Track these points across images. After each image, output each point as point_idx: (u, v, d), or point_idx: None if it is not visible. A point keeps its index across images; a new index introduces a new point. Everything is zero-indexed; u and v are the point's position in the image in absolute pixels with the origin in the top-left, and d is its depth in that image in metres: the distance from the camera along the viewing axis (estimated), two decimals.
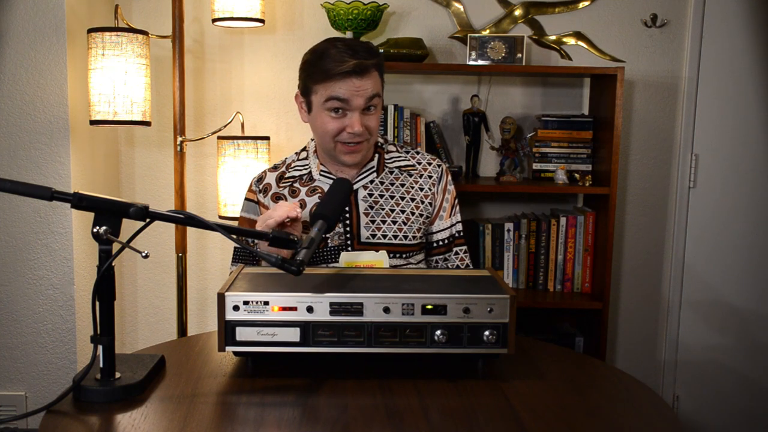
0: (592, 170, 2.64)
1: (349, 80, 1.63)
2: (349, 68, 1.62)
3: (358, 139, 1.68)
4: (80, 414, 1.16)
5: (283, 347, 1.27)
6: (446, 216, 1.83)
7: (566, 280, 2.64)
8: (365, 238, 1.72)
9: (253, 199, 1.83)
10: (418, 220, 1.77)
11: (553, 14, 2.74)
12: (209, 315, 2.85)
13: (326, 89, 1.65)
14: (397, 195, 1.77)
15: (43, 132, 2.39)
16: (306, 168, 1.80)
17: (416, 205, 1.77)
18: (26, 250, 2.44)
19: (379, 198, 1.75)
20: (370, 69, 1.66)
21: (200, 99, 2.75)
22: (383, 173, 1.78)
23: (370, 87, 1.66)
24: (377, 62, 1.68)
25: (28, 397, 2.50)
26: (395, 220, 1.74)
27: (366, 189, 1.76)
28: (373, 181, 1.77)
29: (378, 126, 1.72)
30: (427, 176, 1.81)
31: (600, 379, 1.39)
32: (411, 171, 1.81)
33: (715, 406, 2.90)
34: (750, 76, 2.76)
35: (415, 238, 1.76)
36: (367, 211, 1.73)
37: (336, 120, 1.67)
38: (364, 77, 1.65)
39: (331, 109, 1.66)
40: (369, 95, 1.66)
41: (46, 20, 2.34)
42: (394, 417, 1.14)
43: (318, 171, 1.77)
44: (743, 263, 2.84)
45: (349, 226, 1.72)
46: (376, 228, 1.73)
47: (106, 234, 1.18)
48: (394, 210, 1.75)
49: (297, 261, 1.26)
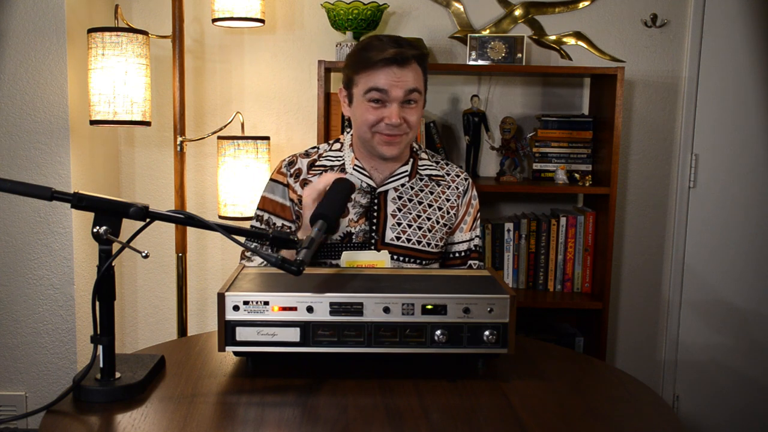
0: (592, 170, 2.64)
1: (389, 69, 1.65)
2: (390, 56, 1.63)
3: (396, 131, 1.68)
4: (80, 414, 1.16)
5: (283, 347, 1.27)
6: (467, 229, 1.84)
7: (566, 280, 2.64)
8: (389, 239, 1.73)
9: (282, 181, 1.79)
10: (442, 230, 1.78)
11: (553, 14, 2.74)
12: (209, 315, 2.85)
13: (367, 80, 1.67)
14: (425, 202, 1.78)
15: (43, 132, 2.39)
16: (339, 160, 1.80)
17: (442, 214, 1.78)
18: (26, 250, 2.44)
19: (407, 202, 1.76)
20: (411, 60, 1.67)
21: (200, 99, 2.75)
22: (414, 179, 1.79)
23: (410, 79, 1.66)
24: (419, 54, 1.70)
25: (28, 397, 2.50)
26: (421, 226, 1.75)
27: (396, 191, 1.76)
28: (404, 185, 1.77)
29: (419, 122, 1.72)
30: (454, 187, 1.82)
31: (600, 379, 1.39)
32: (440, 181, 1.82)
33: (715, 406, 2.90)
34: (750, 76, 2.76)
35: (437, 247, 1.77)
36: (394, 213, 1.75)
37: (375, 110, 1.68)
38: (404, 68, 1.66)
39: (371, 100, 1.67)
40: (409, 87, 1.66)
41: (46, 20, 2.34)
42: (394, 417, 1.14)
43: (352, 165, 1.77)
44: (743, 263, 2.84)
45: (375, 225, 1.73)
46: (402, 231, 1.74)
47: (106, 234, 1.18)
48: (420, 216, 1.76)
49: (297, 261, 1.26)
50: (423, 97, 1.74)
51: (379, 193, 1.75)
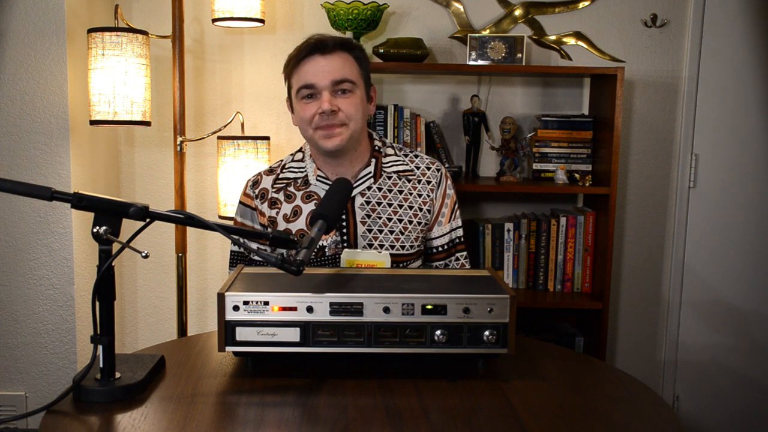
0: (592, 170, 2.64)
1: (313, 60, 1.63)
2: (310, 45, 1.63)
3: (332, 120, 1.64)
4: (80, 414, 1.16)
5: (283, 347, 1.27)
6: (445, 221, 1.79)
7: (566, 280, 2.64)
8: (362, 248, 1.69)
9: (249, 204, 1.78)
10: (416, 229, 1.74)
11: (553, 14, 2.74)
12: (209, 315, 2.85)
13: (297, 80, 1.66)
14: (395, 202, 1.73)
15: (43, 132, 2.39)
16: (302, 171, 1.76)
17: (414, 213, 1.73)
18: (26, 250, 2.44)
19: (376, 206, 1.71)
20: (334, 48, 1.64)
21: (200, 99, 2.75)
22: (381, 179, 1.74)
23: (336, 66, 1.63)
24: (342, 40, 1.66)
25: (28, 397, 2.50)
26: (392, 229, 1.71)
27: (363, 196, 1.71)
28: (370, 187, 1.72)
29: (357, 113, 1.66)
30: (425, 181, 1.76)
31: (600, 379, 1.39)
32: (409, 176, 1.76)
33: (715, 406, 2.90)
34: (750, 76, 2.76)
35: (413, 247, 1.73)
36: (363, 219, 1.70)
37: (309, 105, 1.66)
38: (328, 55, 1.63)
39: (304, 97, 1.66)
40: (337, 77, 1.63)
41: (46, 20, 2.34)
42: (394, 417, 1.14)
43: (315, 176, 1.74)
44: (743, 263, 2.84)
45: (346, 234, 1.69)
46: (373, 237, 1.70)
47: (106, 234, 1.18)
48: (391, 219, 1.71)
49: (297, 261, 1.26)
50: (362, 89, 1.69)
51: None
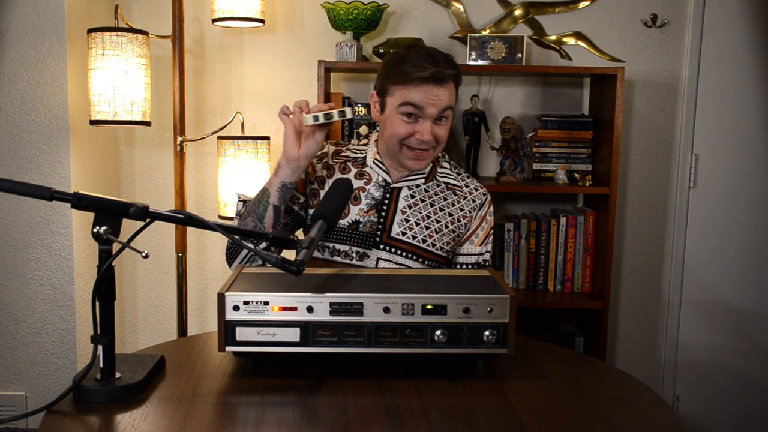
0: (592, 170, 2.64)
1: (426, 87, 1.65)
2: (428, 75, 1.64)
3: (426, 146, 1.70)
4: (80, 414, 1.15)
5: (283, 347, 1.27)
6: (477, 242, 1.83)
7: (566, 280, 2.64)
8: (395, 234, 1.74)
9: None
10: (450, 235, 1.78)
11: (553, 14, 2.74)
12: (209, 315, 2.85)
13: (402, 93, 1.67)
14: (437, 205, 1.79)
15: (43, 132, 2.39)
16: (363, 152, 1.83)
17: (452, 220, 1.79)
18: (26, 250, 2.44)
19: (419, 202, 1.78)
20: (448, 79, 1.68)
21: (200, 99, 2.75)
22: (431, 183, 1.81)
23: (446, 98, 1.67)
24: (456, 74, 1.70)
25: (28, 397, 2.50)
26: (428, 226, 1.76)
27: (410, 190, 1.78)
28: (419, 185, 1.79)
29: (447, 137, 1.74)
30: (470, 200, 1.82)
31: (600, 379, 1.39)
32: (456, 191, 1.83)
33: (715, 406, 2.90)
34: (750, 76, 2.76)
35: (442, 250, 1.77)
36: (404, 209, 1.76)
37: (407, 124, 1.69)
38: (441, 86, 1.66)
39: (405, 114, 1.68)
40: (444, 106, 1.67)
41: (46, 20, 2.34)
42: (394, 417, 1.14)
43: (373, 158, 1.80)
44: (743, 263, 2.84)
45: (384, 218, 1.75)
46: (408, 228, 1.75)
47: (106, 234, 1.17)
48: (429, 217, 1.77)
49: (297, 261, 1.26)
50: (454, 111, 1.75)
51: (392, 189, 1.77)
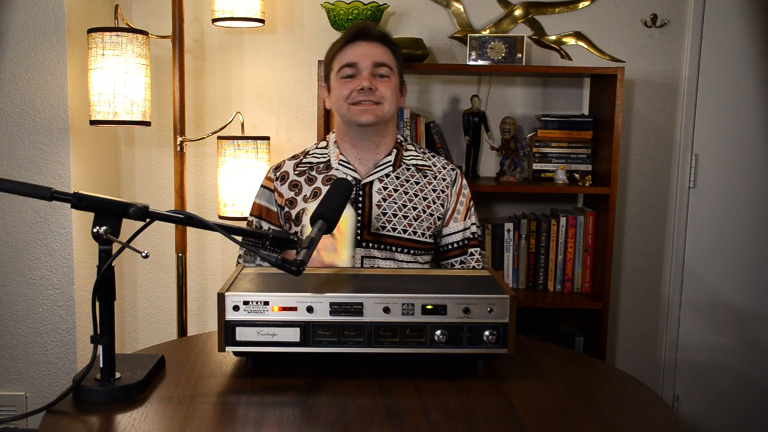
0: (592, 170, 2.64)
1: (356, 44, 1.76)
2: (353, 33, 1.77)
3: (369, 96, 1.74)
4: (80, 414, 1.16)
5: (283, 347, 1.27)
6: (461, 218, 1.86)
7: (566, 280, 2.64)
8: (375, 229, 1.76)
9: (269, 186, 1.87)
10: (429, 219, 1.80)
11: (553, 14, 2.74)
12: (209, 315, 2.85)
13: (339, 60, 1.78)
14: (411, 192, 1.81)
15: (43, 132, 2.39)
16: (324, 156, 1.85)
17: (428, 204, 1.81)
18: (26, 250, 2.44)
19: (393, 192, 1.80)
20: (374, 37, 1.77)
21: (200, 99, 2.75)
22: (399, 169, 1.83)
23: (376, 53, 1.76)
24: (383, 33, 1.80)
25: (28, 397, 2.50)
26: (406, 215, 1.78)
27: (381, 182, 1.80)
28: (388, 175, 1.81)
29: (392, 96, 1.78)
30: (441, 178, 1.85)
31: (600, 379, 1.39)
32: (426, 171, 1.85)
33: (715, 406, 2.90)
34: (750, 76, 2.76)
35: (424, 236, 1.79)
36: (379, 203, 1.78)
37: (348, 83, 1.76)
38: (370, 43, 1.77)
39: (344, 76, 1.77)
40: (377, 60, 1.75)
41: (46, 20, 2.34)
42: (394, 417, 1.14)
43: (337, 160, 1.82)
44: (743, 263, 2.84)
45: (360, 215, 1.77)
46: (387, 220, 1.77)
47: (106, 234, 1.18)
48: (406, 205, 1.79)
49: (297, 261, 1.26)
50: (397, 78, 1.81)
51: (364, 185, 1.79)
